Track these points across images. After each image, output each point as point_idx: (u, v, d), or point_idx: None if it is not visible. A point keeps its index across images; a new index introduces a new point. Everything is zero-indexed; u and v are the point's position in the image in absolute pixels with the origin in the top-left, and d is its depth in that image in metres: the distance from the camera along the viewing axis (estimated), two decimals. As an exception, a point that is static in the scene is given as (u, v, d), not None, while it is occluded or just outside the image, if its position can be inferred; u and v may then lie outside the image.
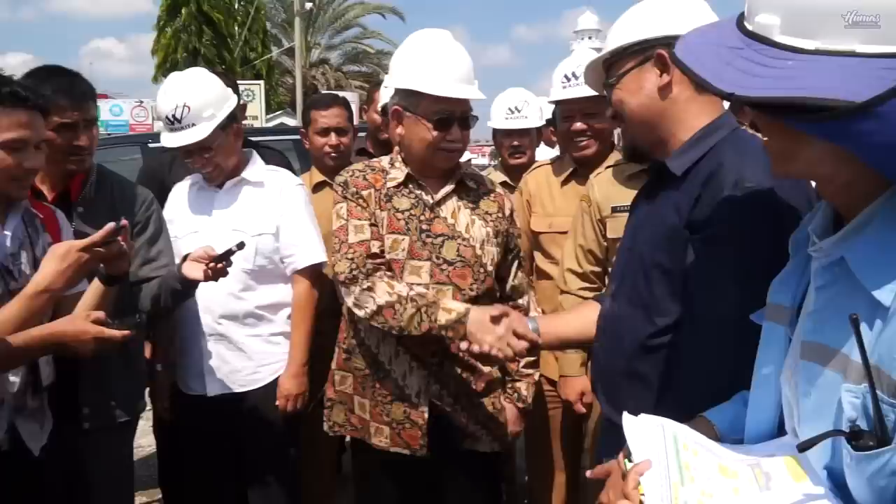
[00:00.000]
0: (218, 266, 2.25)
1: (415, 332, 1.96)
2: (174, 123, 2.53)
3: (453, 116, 2.07)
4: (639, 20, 1.57)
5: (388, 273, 2.05)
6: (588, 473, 1.34)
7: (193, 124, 2.53)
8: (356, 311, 2.04)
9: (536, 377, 2.33)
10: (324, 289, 2.71)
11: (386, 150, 3.17)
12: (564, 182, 2.85)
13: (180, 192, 2.74)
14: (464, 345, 1.83)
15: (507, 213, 2.26)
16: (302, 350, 2.63)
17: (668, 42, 1.47)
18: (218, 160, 2.59)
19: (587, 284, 2.55)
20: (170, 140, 2.56)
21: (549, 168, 2.95)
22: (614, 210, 2.43)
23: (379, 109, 3.36)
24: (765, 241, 1.34)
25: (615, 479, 1.21)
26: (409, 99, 2.08)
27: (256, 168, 2.72)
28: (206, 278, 2.26)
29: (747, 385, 1.25)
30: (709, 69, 0.94)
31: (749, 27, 0.95)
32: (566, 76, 2.73)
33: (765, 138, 1.10)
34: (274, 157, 3.58)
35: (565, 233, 2.69)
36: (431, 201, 2.14)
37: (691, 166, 1.50)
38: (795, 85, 0.84)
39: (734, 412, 1.31)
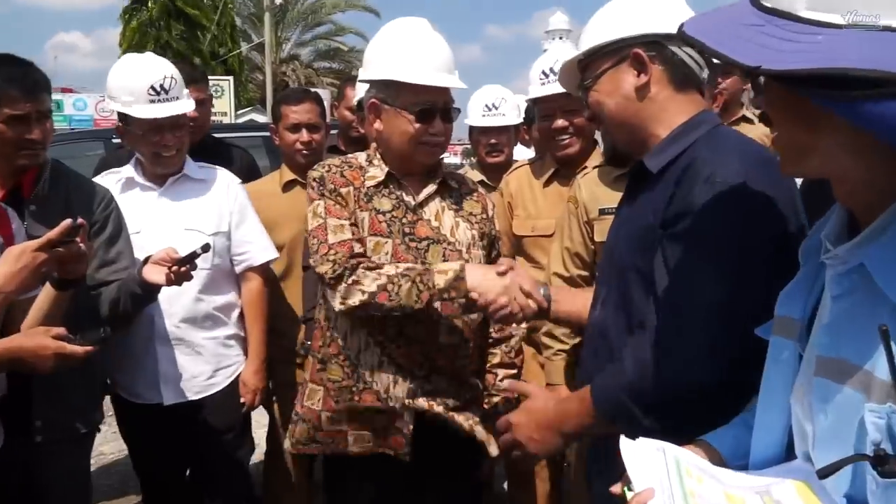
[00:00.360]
0: (181, 269, 2.13)
1: (417, 307, 1.83)
2: (160, 94, 2.46)
3: (436, 108, 1.96)
4: (613, 19, 1.52)
5: (371, 265, 1.91)
6: None
7: (178, 97, 2.51)
8: (345, 306, 1.88)
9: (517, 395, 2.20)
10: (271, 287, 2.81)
11: (358, 148, 3.13)
12: (547, 183, 2.75)
13: (110, 190, 2.53)
14: (474, 295, 1.77)
15: (490, 214, 2.16)
16: (262, 346, 2.71)
17: (644, 41, 1.46)
18: (185, 143, 2.56)
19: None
20: (155, 111, 2.45)
21: (529, 168, 2.85)
22: (602, 212, 2.34)
23: (353, 105, 3.28)
24: (734, 238, 1.30)
25: None
26: (388, 91, 1.97)
27: (193, 165, 2.66)
28: (169, 282, 2.15)
29: (733, 388, 1.21)
30: (728, 46, 0.87)
31: (768, 4, 0.89)
32: (544, 72, 2.63)
33: (774, 133, 1.02)
34: (240, 154, 3.49)
35: (549, 236, 2.60)
36: (413, 202, 2.03)
37: (668, 164, 1.45)
38: (832, 57, 0.79)
39: (735, 435, 1.23)
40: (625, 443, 1.12)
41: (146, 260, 2.21)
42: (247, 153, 3.61)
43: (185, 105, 2.54)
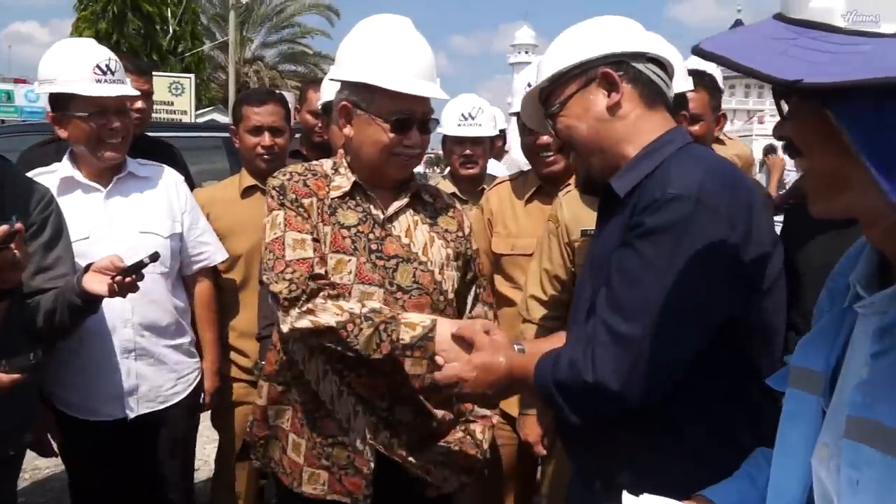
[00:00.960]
0: (126, 280, 1.95)
1: (375, 356, 1.66)
2: (107, 74, 2.34)
3: (413, 118, 1.79)
4: (575, 43, 1.50)
5: (334, 293, 1.74)
6: None
7: (123, 81, 2.41)
8: (294, 331, 1.71)
9: (495, 420, 2.05)
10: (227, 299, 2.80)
11: (321, 153, 3.07)
12: (529, 201, 2.61)
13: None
14: (439, 360, 1.60)
15: (467, 231, 2.00)
16: (217, 347, 2.69)
17: (610, 61, 1.44)
18: (129, 133, 2.43)
19: (552, 313, 2.32)
20: (103, 90, 2.33)
21: (510, 185, 2.71)
22: (584, 234, 2.21)
23: (318, 108, 3.12)
24: (680, 244, 1.27)
25: None
26: (362, 94, 1.79)
27: (134, 162, 2.53)
28: (112, 293, 1.96)
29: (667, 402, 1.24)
30: (759, 60, 0.78)
31: (798, 16, 0.81)
32: (529, 84, 2.46)
33: (803, 165, 0.90)
34: (164, 150, 3.26)
35: (529, 255, 2.47)
36: (382, 217, 1.86)
37: (635, 186, 1.39)
38: (887, 66, 0.70)
39: (739, 490, 1.13)
40: (627, 499, 1.05)
41: (87, 268, 2.02)
42: (172, 149, 3.36)
43: (130, 87, 2.44)
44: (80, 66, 2.32)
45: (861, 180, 0.82)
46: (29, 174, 2.34)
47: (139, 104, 2.99)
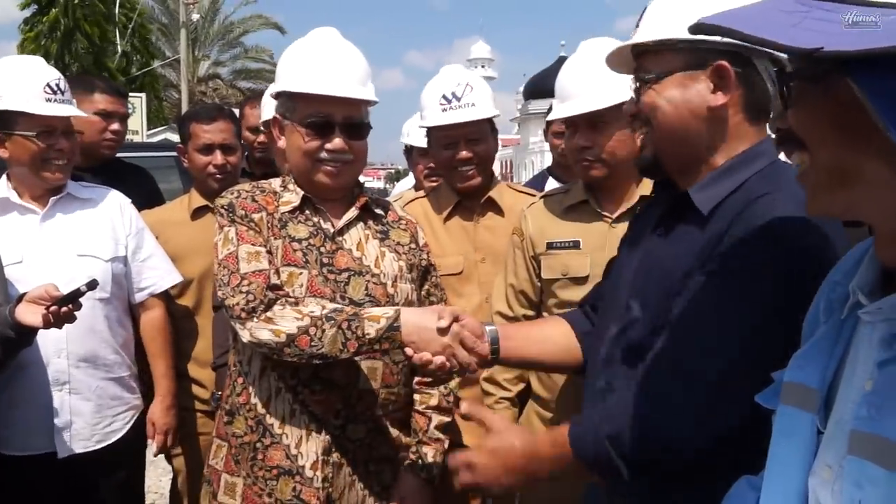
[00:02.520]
0: (62, 310, 1.84)
1: (343, 356, 1.62)
2: (57, 94, 2.27)
3: (332, 121, 1.76)
4: (702, 9, 1.22)
5: (292, 300, 1.68)
6: None
7: (71, 102, 2.34)
8: (258, 348, 1.67)
9: (446, 444, 1.95)
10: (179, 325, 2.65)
11: (266, 168, 3.17)
12: (448, 217, 2.46)
13: None
14: (409, 351, 1.57)
15: (420, 242, 1.96)
16: (171, 379, 2.52)
17: (731, 51, 1.24)
18: (74, 155, 2.35)
19: (519, 330, 2.23)
20: (53, 109, 2.25)
21: (426, 201, 2.54)
22: (550, 246, 2.13)
23: (257, 124, 3.18)
24: (775, 296, 1.14)
25: None
26: (287, 104, 1.82)
27: (75, 184, 2.43)
28: (47, 324, 1.85)
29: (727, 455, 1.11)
30: (772, 31, 0.73)
31: None
32: (445, 97, 2.34)
33: (804, 157, 0.85)
34: (135, 173, 3.22)
35: (458, 274, 2.37)
36: (332, 230, 1.83)
37: (719, 203, 1.27)
38: None
39: None
40: None
41: (20, 298, 1.89)
42: (143, 172, 3.32)
43: (77, 110, 2.38)
44: (29, 83, 2.23)
45: (875, 172, 0.77)
46: None
47: (115, 126, 2.94)
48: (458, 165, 2.36)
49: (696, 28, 0.77)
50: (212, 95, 27.14)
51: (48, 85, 2.24)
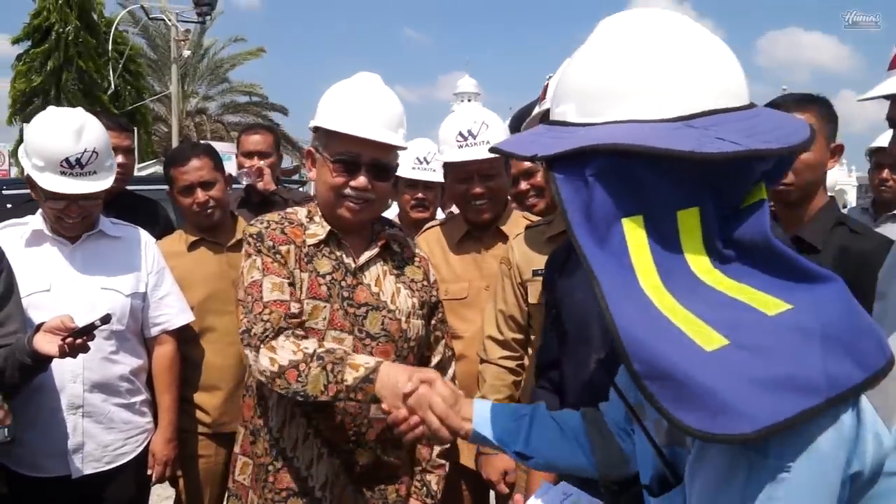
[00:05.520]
0: (77, 341, 1.95)
1: (322, 398, 1.63)
2: (74, 168, 2.25)
3: (359, 160, 1.83)
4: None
5: (300, 332, 1.75)
6: None
7: (96, 172, 2.32)
8: (259, 376, 1.73)
9: (447, 468, 2.06)
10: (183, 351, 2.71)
11: (260, 196, 3.47)
12: (458, 245, 2.62)
13: (13, 243, 2.33)
14: (385, 407, 1.52)
15: (431, 279, 2.05)
16: (174, 414, 2.60)
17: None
18: (95, 209, 2.39)
19: (508, 353, 2.37)
20: (64, 186, 2.25)
21: (440, 230, 2.72)
22: (535, 273, 2.27)
23: (250, 149, 3.57)
24: None
25: None
26: (322, 139, 1.89)
27: (107, 221, 2.52)
28: (62, 354, 1.96)
29: None
30: (517, 147, 1.06)
31: (551, 118, 1.07)
32: (461, 134, 2.48)
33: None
34: (147, 205, 3.31)
35: (463, 299, 2.50)
36: (354, 265, 1.90)
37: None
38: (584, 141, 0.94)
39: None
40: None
41: (38, 327, 1.99)
42: (157, 205, 3.40)
43: (98, 183, 2.32)
44: (50, 153, 2.24)
45: None
46: (2, 224, 2.38)
47: (120, 159, 2.92)
48: (472, 200, 2.51)
49: (492, 149, 1.08)
50: (200, 129, 27.30)
51: (67, 160, 2.23)
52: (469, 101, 69.69)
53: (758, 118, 0.94)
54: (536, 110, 2.31)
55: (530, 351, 2.37)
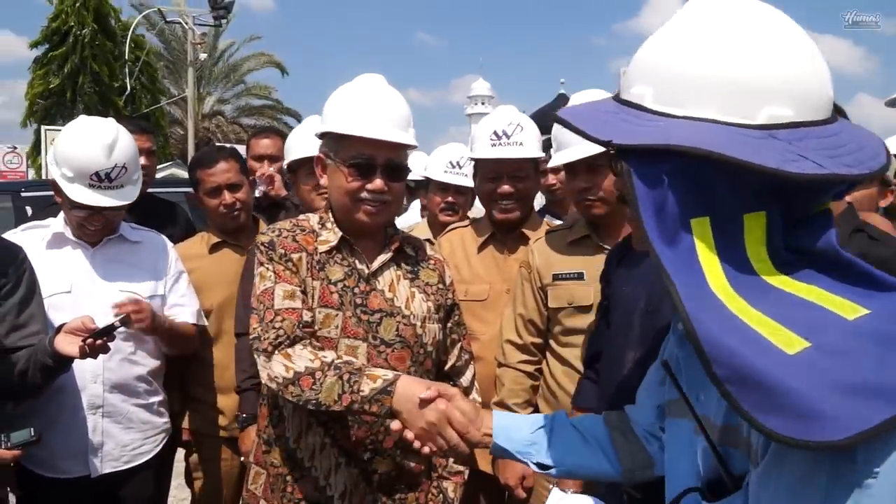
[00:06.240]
0: (97, 342, 1.96)
1: (335, 408, 1.60)
2: (103, 181, 2.28)
3: (374, 163, 1.80)
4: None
5: (317, 343, 1.74)
6: None
7: (123, 186, 2.34)
8: (270, 383, 1.70)
9: (466, 475, 2.04)
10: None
11: (269, 200, 3.38)
12: (481, 247, 2.62)
13: (34, 245, 2.34)
14: (395, 425, 1.50)
15: (448, 282, 2.01)
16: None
17: None
18: (118, 219, 2.43)
19: (527, 357, 2.36)
20: (92, 198, 2.27)
21: (465, 231, 2.72)
22: (556, 277, 2.26)
23: (261, 152, 3.45)
24: None
25: None
26: (331, 144, 1.85)
27: (128, 227, 2.54)
28: (83, 355, 1.97)
29: None
30: (590, 126, 0.99)
31: (624, 97, 1.03)
32: (496, 133, 2.50)
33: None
34: (169, 209, 3.32)
35: (482, 301, 2.50)
36: (367, 271, 1.87)
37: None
38: (665, 136, 0.91)
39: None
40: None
41: (59, 328, 2.01)
42: (177, 207, 3.42)
43: (126, 196, 2.35)
44: (80, 166, 2.25)
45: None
46: (24, 226, 2.40)
47: (142, 161, 2.91)
48: (499, 199, 2.51)
49: (559, 120, 1.03)
50: (215, 132, 27.48)
51: (96, 174, 2.25)
52: (483, 104, 69.74)
53: (841, 135, 0.91)
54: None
55: (548, 355, 2.36)
